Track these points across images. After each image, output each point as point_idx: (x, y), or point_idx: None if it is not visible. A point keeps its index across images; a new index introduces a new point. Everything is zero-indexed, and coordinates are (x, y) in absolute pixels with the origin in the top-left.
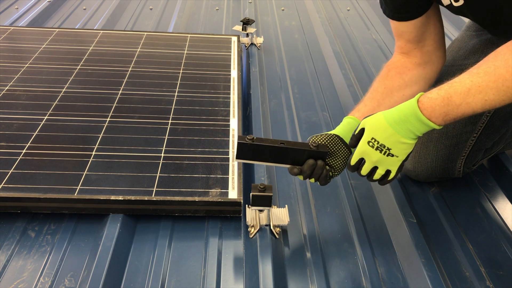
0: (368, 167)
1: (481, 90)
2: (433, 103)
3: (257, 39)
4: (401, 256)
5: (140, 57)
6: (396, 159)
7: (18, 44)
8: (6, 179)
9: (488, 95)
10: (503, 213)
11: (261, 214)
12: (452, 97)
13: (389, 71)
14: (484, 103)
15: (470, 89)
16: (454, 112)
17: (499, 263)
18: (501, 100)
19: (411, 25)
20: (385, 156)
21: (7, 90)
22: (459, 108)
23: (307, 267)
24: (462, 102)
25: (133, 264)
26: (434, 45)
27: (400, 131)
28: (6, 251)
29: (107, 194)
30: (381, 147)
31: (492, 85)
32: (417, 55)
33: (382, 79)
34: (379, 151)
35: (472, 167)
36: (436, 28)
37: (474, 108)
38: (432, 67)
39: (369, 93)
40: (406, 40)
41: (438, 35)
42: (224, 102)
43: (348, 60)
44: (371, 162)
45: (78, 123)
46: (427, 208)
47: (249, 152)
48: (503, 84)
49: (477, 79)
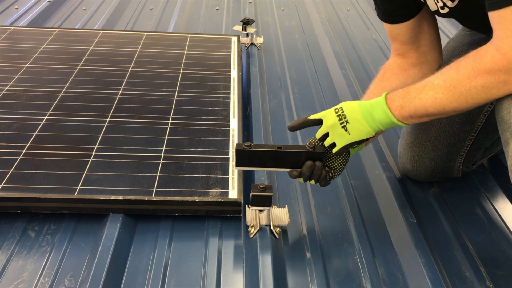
0: (323, 130)
1: (434, 87)
2: (395, 94)
3: (257, 39)
4: (401, 256)
5: (140, 57)
6: (347, 136)
7: (18, 44)
8: (6, 179)
9: (438, 93)
10: (503, 213)
11: (261, 214)
12: (410, 90)
13: (385, 72)
14: (434, 101)
15: (426, 85)
16: (408, 106)
17: (499, 263)
18: (449, 101)
19: (404, 27)
20: (340, 126)
21: (7, 90)
22: (412, 102)
23: (307, 267)
24: (416, 97)
25: (133, 264)
26: (430, 45)
27: (365, 112)
28: (6, 251)
29: (107, 194)
30: (342, 116)
31: (442, 83)
32: (413, 56)
33: (378, 81)
34: (338, 118)
35: (472, 167)
36: (430, 28)
37: (425, 104)
38: (429, 66)
39: (365, 95)
40: (400, 42)
41: (432, 35)
42: (224, 102)
43: (348, 60)
44: (326, 125)
45: (78, 123)
46: (427, 208)
47: (248, 159)
48: (453, 86)
49: (434, 78)
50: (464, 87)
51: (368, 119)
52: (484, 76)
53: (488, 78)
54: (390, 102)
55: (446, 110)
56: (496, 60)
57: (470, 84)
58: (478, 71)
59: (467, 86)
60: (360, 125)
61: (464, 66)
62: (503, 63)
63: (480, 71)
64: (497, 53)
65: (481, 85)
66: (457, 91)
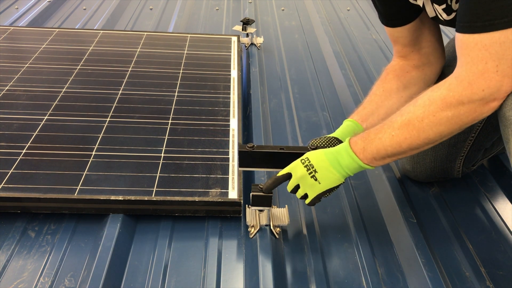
0: (293, 182)
1: (391, 124)
2: (358, 138)
3: (257, 39)
4: (401, 256)
5: (140, 57)
6: (318, 186)
7: (18, 44)
8: (6, 179)
9: (394, 130)
10: (503, 213)
11: (261, 214)
12: (371, 131)
13: (388, 74)
14: (391, 138)
15: (385, 123)
16: (370, 148)
17: (499, 263)
18: (404, 137)
19: (405, 30)
20: (309, 176)
21: (7, 90)
22: (373, 143)
23: (307, 267)
24: (375, 137)
25: (133, 264)
26: (432, 47)
27: (331, 159)
28: (6, 251)
29: (107, 194)
30: (309, 166)
31: (399, 119)
32: (415, 58)
33: (381, 83)
34: (306, 168)
35: (472, 167)
36: (432, 30)
37: (384, 144)
38: (431, 68)
39: (368, 96)
40: (402, 45)
41: (434, 37)
42: (224, 102)
43: (348, 60)
44: (296, 177)
45: (78, 123)
46: (427, 208)
47: (251, 160)
48: (407, 119)
49: (393, 116)
50: (417, 119)
51: (335, 166)
52: (439, 105)
53: (443, 108)
54: (354, 145)
55: (402, 147)
56: (453, 87)
57: (423, 115)
58: (432, 100)
59: (420, 118)
60: (329, 173)
61: (421, 97)
62: (458, 90)
63: (435, 100)
64: (454, 80)
65: (433, 115)
66: (411, 125)
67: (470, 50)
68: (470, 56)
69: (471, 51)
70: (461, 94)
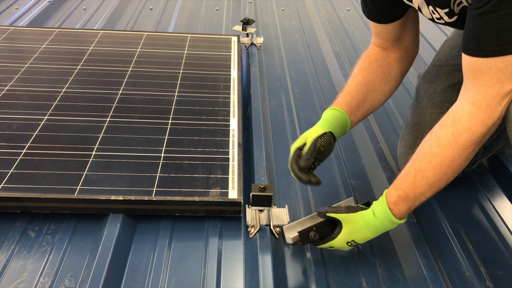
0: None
1: (423, 174)
2: (400, 207)
3: (257, 39)
4: (401, 256)
5: (140, 57)
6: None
7: (18, 44)
8: (6, 179)
9: (429, 179)
10: (503, 213)
11: (261, 214)
12: (406, 190)
13: (371, 64)
14: (431, 188)
15: (415, 176)
16: (414, 205)
17: (499, 263)
18: (441, 180)
19: (391, 27)
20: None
21: (7, 90)
22: (417, 200)
23: (307, 267)
24: (416, 193)
25: (133, 264)
26: (411, 41)
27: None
28: (6, 251)
29: (107, 194)
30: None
31: (429, 166)
32: (395, 51)
33: (365, 72)
34: (348, 246)
35: (472, 166)
36: (414, 25)
37: (426, 195)
38: (408, 61)
39: (353, 85)
40: (384, 39)
41: (414, 31)
42: (224, 102)
43: (348, 60)
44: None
45: (78, 123)
46: (427, 208)
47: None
48: (438, 161)
49: (419, 163)
50: (449, 159)
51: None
52: (467, 137)
53: (471, 138)
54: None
55: (440, 188)
56: (473, 114)
57: (454, 153)
58: (458, 136)
59: (451, 157)
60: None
61: (444, 135)
62: (480, 115)
63: (461, 134)
64: (472, 107)
65: (463, 148)
66: (444, 167)
67: (484, 73)
68: (485, 79)
69: (485, 74)
70: (484, 118)
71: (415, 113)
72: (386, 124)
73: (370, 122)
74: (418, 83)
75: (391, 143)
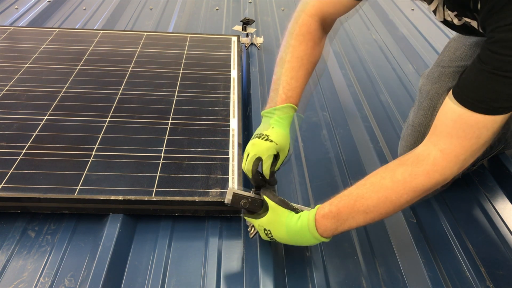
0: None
1: (364, 202)
2: (326, 222)
3: (257, 39)
4: (401, 256)
5: (140, 57)
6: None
7: (18, 44)
8: (6, 179)
9: (369, 208)
10: (503, 213)
11: None
12: (340, 211)
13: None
14: (365, 216)
15: (356, 201)
16: (341, 228)
17: (499, 263)
18: (379, 214)
19: (342, 6)
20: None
21: (7, 90)
22: (346, 223)
23: (307, 267)
24: (348, 217)
25: (133, 264)
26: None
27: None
28: (6, 251)
29: (107, 194)
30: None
31: (374, 196)
32: (329, 26)
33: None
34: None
35: (472, 167)
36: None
37: (358, 221)
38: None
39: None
40: (329, 14)
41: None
42: (224, 102)
43: (348, 60)
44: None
45: (78, 123)
46: (427, 208)
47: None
48: (385, 195)
49: (364, 191)
50: (396, 195)
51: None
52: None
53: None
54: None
55: (374, 220)
56: (438, 161)
57: (403, 192)
58: (414, 176)
59: (399, 194)
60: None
61: (400, 172)
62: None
63: (417, 176)
64: (440, 154)
65: (414, 190)
66: (388, 201)
67: (468, 126)
68: (465, 132)
69: (468, 127)
70: (446, 168)
71: (416, 114)
72: (386, 124)
73: (370, 122)
74: (421, 83)
75: (391, 143)
